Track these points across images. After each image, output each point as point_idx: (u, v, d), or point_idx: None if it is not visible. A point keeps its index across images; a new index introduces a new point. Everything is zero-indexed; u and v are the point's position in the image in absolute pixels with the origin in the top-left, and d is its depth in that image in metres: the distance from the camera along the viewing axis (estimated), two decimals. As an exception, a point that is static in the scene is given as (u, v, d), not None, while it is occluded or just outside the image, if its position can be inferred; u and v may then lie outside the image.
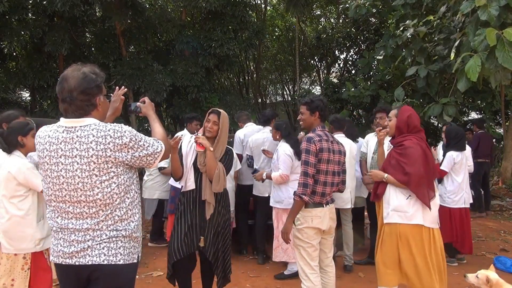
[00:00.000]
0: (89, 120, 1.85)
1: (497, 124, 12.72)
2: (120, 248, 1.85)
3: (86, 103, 1.85)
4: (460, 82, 5.09)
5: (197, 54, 12.42)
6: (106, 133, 1.80)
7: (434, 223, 3.01)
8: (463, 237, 4.52)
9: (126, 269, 1.88)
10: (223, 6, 12.09)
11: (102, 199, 1.81)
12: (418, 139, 3.02)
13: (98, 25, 13.34)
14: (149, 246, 5.53)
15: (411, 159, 2.93)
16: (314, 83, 19.85)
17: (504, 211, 7.51)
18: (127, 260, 1.87)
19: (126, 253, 1.87)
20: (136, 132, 1.90)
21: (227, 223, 3.34)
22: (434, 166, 3.08)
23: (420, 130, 3.11)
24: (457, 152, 4.58)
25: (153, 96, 11.46)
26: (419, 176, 2.89)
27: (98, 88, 1.89)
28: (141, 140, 1.90)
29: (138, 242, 1.96)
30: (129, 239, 1.89)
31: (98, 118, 1.90)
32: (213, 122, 3.26)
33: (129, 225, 1.89)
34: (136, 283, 4.10)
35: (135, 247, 1.94)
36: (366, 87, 10.15)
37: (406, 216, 2.95)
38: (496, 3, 4.57)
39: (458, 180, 4.57)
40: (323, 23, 18.15)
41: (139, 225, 1.96)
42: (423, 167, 2.91)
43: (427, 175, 2.94)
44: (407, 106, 3.27)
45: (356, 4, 8.22)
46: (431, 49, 7.21)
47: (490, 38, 4.21)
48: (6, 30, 10.70)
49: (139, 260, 1.98)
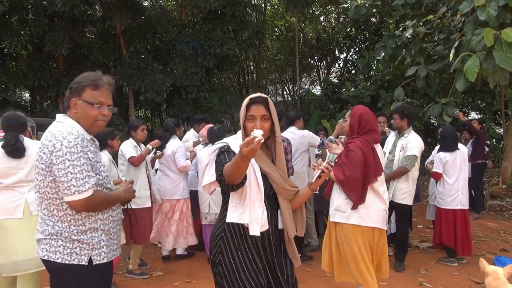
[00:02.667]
0: (60, 117, 1.93)
1: (497, 124, 12.72)
2: (60, 247, 1.83)
3: (65, 100, 1.96)
4: (458, 82, 5.09)
5: (197, 54, 12.44)
6: (50, 135, 1.83)
7: (378, 222, 3.06)
8: (462, 240, 4.49)
9: (65, 268, 1.84)
10: (223, 6, 12.10)
11: (45, 197, 1.85)
12: (363, 141, 3.05)
13: (98, 25, 13.35)
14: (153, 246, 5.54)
15: (351, 162, 3.02)
16: (314, 83, 19.86)
17: (504, 211, 7.51)
18: (66, 260, 1.83)
19: (67, 252, 1.83)
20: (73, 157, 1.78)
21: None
22: (375, 169, 3.07)
23: (372, 130, 3.13)
24: (445, 153, 4.52)
25: (153, 96, 11.49)
26: (354, 179, 2.98)
27: (76, 89, 1.90)
28: (66, 167, 1.79)
29: (85, 244, 1.85)
30: (71, 240, 1.84)
31: (76, 118, 1.91)
32: (261, 117, 1.98)
33: (69, 228, 1.84)
34: (136, 283, 4.14)
35: (83, 249, 1.85)
36: (366, 87, 10.16)
37: (344, 216, 3.07)
38: (495, 3, 4.57)
39: (449, 182, 4.48)
40: (323, 23, 18.15)
41: (84, 230, 1.86)
42: (360, 172, 2.98)
43: (363, 179, 3.00)
44: (360, 105, 3.30)
45: (356, 4, 8.22)
46: (431, 49, 7.21)
47: (488, 38, 4.20)
48: (6, 30, 10.72)
49: (94, 262, 1.87)
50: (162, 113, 16.39)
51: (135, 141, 4.43)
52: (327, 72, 17.88)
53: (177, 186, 4.65)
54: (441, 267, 4.51)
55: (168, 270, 4.52)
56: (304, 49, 17.19)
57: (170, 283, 4.18)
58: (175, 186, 4.64)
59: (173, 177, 4.64)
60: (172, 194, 4.65)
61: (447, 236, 4.50)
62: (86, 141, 1.88)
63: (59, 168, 1.77)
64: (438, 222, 4.65)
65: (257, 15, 16.33)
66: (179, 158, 4.59)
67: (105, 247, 1.90)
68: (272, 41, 19.09)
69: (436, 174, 4.54)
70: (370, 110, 3.24)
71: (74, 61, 12.62)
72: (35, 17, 11.23)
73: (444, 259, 4.66)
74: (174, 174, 4.64)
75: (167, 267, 4.61)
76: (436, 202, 4.70)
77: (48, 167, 1.80)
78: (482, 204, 7.26)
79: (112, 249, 1.96)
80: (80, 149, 1.80)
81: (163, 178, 4.71)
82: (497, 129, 12.54)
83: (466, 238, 4.51)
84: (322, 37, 15.54)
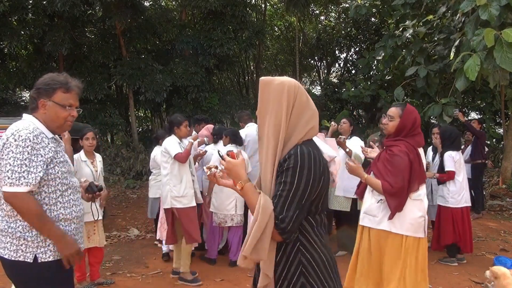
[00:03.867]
0: (24, 116, 1.97)
1: (497, 124, 12.72)
2: (8, 243, 1.86)
3: (32, 101, 1.97)
4: (458, 82, 5.08)
5: (197, 54, 12.44)
6: (8, 130, 1.86)
7: (411, 230, 2.81)
8: (465, 236, 4.51)
9: (13, 265, 1.87)
10: (223, 6, 12.10)
11: None
12: (408, 146, 2.83)
13: (98, 25, 13.35)
14: (153, 246, 5.55)
15: (396, 169, 2.79)
16: (314, 83, 19.86)
17: (504, 211, 7.51)
18: (13, 256, 1.85)
19: (14, 249, 1.85)
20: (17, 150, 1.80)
21: None
22: (420, 177, 2.88)
23: (419, 133, 2.93)
24: (455, 152, 4.58)
25: (153, 96, 11.48)
26: (399, 187, 2.76)
27: (45, 91, 1.94)
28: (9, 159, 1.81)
29: (30, 241, 1.86)
30: (16, 237, 1.86)
31: (43, 119, 1.95)
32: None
33: (15, 223, 1.87)
34: (136, 283, 4.14)
35: (29, 246, 1.86)
36: (366, 87, 10.15)
37: (375, 220, 2.87)
38: (497, 2, 4.55)
39: (460, 180, 4.56)
40: (323, 23, 18.15)
41: (30, 226, 1.86)
42: (406, 180, 2.77)
43: (407, 187, 2.80)
44: (410, 106, 2.99)
45: (356, 4, 8.22)
46: (431, 49, 7.22)
47: (488, 38, 4.20)
48: (6, 30, 10.71)
49: (39, 260, 1.87)
50: (162, 113, 16.39)
51: (178, 137, 4.23)
52: (327, 72, 17.88)
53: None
54: (441, 267, 4.51)
55: (168, 270, 4.51)
56: (304, 49, 17.18)
57: (170, 283, 4.18)
58: None
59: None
60: None
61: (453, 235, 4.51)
62: (42, 139, 1.88)
63: (2, 158, 1.81)
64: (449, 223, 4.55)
65: (257, 15, 16.32)
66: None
67: (52, 245, 1.90)
68: (272, 41, 19.08)
69: (451, 173, 4.52)
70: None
71: (74, 61, 12.62)
72: (35, 17, 11.22)
73: (444, 259, 4.66)
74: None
75: (167, 267, 4.61)
76: (445, 203, 4.60)
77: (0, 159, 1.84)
78: (482, 204, 7.26)
79: None
80: (28, 143, 1.81)
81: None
82: (497, 129, 12.54)
83: (469, 234, 4.57)
84: (322, 37, 15.55)
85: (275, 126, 1.53)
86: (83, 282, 3.97)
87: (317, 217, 1.57)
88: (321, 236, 1.57)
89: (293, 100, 1.54)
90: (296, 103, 1.55)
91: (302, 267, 1.51)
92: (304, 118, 1.55)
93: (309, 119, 1.56)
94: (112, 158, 11.71)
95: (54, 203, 1.92)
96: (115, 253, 5.23)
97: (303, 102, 1.56)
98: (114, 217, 7.38)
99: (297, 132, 1.53)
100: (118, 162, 11.62)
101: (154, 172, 5.53)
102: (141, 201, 8.65)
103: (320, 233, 1.57)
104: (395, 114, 2.90)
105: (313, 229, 1.55)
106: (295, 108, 1.55)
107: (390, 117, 2.93)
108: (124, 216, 7.54)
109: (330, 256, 1.58)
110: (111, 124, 12.39)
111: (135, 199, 9.19)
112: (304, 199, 1.46)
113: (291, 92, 1.54)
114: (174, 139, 4.18)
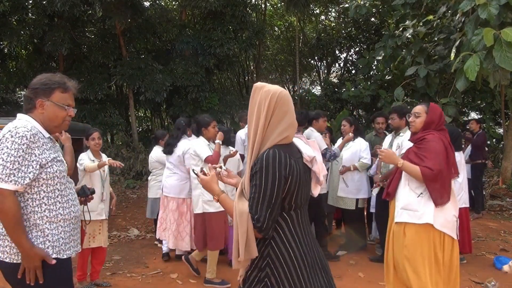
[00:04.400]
0: (19, 115, 1.96)
1: (497, 124, 12.72)
2: (7, 247, 1.86)
3: (28, 101, 1.95)
4: (458, 82, 5.08)
5: (197, 54, 12.43)
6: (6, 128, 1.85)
7: (447, 228, 2.76)
8: (463, 237, 4.51)
9: (13, 268, 1.86)
10: (223, 6, 12.10)
11: None
12: (440, 134, 2.87)
13: (98, 25, 13.35)
14: (153, 246, 5.54)
15: (432, 153, 2.74)
16: (314, 83, 19.86)
17: (504, 211, 7.51)
18: (13, 259, 1.86)
19: (14, 252, 1.86)
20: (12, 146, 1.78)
21: None
22: (454, 167, 2.87)
23: (445, 129, 2.97)
24: (456, 152, 4.57)
25: (153, 96, 11.49)
26: (438, 170, 2.67)
27: (43, 90, 1.94)
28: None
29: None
30: None
31: (41, 119, 1.95)
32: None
33: None
34: (136, 283, 4.14)
35: None
36: (366, 87, 10.16)
37: (416, 215, 2.76)
38: (496, 1, 4.55)
39: (458, 181, 4.55)
40: (323, 23, 18.16)
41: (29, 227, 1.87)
42: (444, 163, 2.71)
43: (447, 173, 2.74)
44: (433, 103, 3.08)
45: (356, 4, 8.22)
46: (431, 49, 7.22)
47: (487, 38, 4.19)
48: (6, 30, 10.71)
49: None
50: (162, 113, 16.39)
51: (206, 139, 4.13)
52: (327, 72, 17.87)
53: (184, 185, 4.66)
54: (441, 267, 4.51)
55: (168, 270, 4.52)
56: (304, 49, 17.18)
57: (170, 283, 4.18)
58: (182, 184, 4.65)
59: (181, 176, 4.64)
60: (178, 192, 4.65)
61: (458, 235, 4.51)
62: (39, 138, 1.88)
63: None
64: None
65: (257, 15, 16.32)
66: (188, 159, 4.60)
67: (51, 247, 1.91)
68: (272, 41, 19.08)
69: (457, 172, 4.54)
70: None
71: (74, 61, 12.62)
72: (35, 17, 11.23)
73: (444, 259, 4.66)
74: (182, 173, 4.64)
75: (167, 267, 4.61)
76: None
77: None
78: (482, 204, 7.26)
79: (62, 248, 1.95)
80: (24, 141, 1.80)
81: (170, 176, 4.69)
82: (497, 129, 12.54)
83: (467, 235, 4.57)
84: (322, 37, 15.54)
85: (254, 130, 1.67)
86: (83, 281, 3.97)
87: (292, 213, 1.67)
88: (296, 232, 1.68)
89: (273, 107, 1.65)
90: (276, 111, 1.66)
91: (269, 259, 1.64)
92: (281, 126, 1.66)
93: (285, 128, 1.66)
94: (112, 158, 11.63)
95: (53, 203, 1.92)
96: (115, 253, 5.23)
97: (282, 112, 1.67)
98: (114, 217, 7.38)
99: (272, 139, 1.65)
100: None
101: (153, 172, 5.53)
102: (141, 201, 8.65)
103: (295, 229, 1.68)
104: (421, 110, 2.97)
105: (287, 225, 1.66)
106: (275, 116, 1.66)
107: (416, 114, 2.98)
108: (124, 216, 7.55)
109: (305, 254, 1.67)
110: (111, 124, 12.39)
111: (135, 199, 9.19)
112: (274, 198, 1.58)
113: (273, 100, 1.66)
114: (203, 141, 4.09)
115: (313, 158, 1.73)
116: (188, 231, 4.67)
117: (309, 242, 1.72)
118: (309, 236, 1.74)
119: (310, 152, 1.74)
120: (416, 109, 3.02)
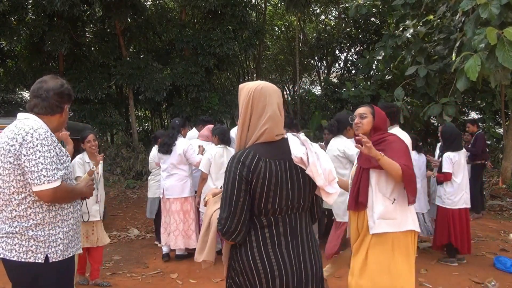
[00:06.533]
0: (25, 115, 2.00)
1: (497, 124, 12.71)
2: (16, 245, 1.87)
3: (57, 104, 2.02)
4: (459, 82, 5.08)
5: (197, 53, 12.42)
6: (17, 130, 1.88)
7: (417, 226, 2.70)
8: (462, 238, 4.51)
9: (20, 267, 1.87)
10: (223, 6, 12.09)
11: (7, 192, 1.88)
12: (395, 135, 2.74)
13: (98, 25, 13.34)
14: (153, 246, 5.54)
15: (400, 151, 2.56)
16: (314, 83, 19.85)
17: (504, 211, 7.50)
18: (22, 257, 1.86)
19: (23, 250, 1.86)
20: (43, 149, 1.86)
21: None
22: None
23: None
24: (454, 153, 4.55)
25: (153, 96, 11.48)
26: (410, 168, 2.48)
27: (69, 97, 2.08)
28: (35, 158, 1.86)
29: (42, 241, 1.89)
30: (27, 238, 1.87)
31: (56, 124, 2.06)
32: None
33: (27, 222, 1.88)
34: (136, 283, 4.14)
35: (39, 247, 1.88)
36: (366, 87, 10.15)
37: (395, 223, 2.57)
38: (497, 1, 4.55)
39: (457, 181, 4.53)
40: (323, 22, 18.15)
41: (43, 225, 1.90)
42: (410, 162, 2.57)
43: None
44: (373, 105, 2.90)
45: (357, 4, 8.21)
46: (431, 49, 7.21)
47: (491, 37, 4.18)
48: (6, 30, 10.70)
49: (50, 260, 1.90)
50: (162, 113, 16.38)
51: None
52: (327, 72, 17.85)
53: (186, 183, 4.65)
54: (441, 267, 4.51)
55: (168, 270, 4.51)
56: (304, 49, 17.16)
57: (170, 283, 4.17)
58: (183, 183, 4.64)
59: (181, 175, 4.64)
60: (180, 191, 4.64)
61: (448, 234, 4.50)
62: (52, 138, 1.96)
63: (29, 158, 1.83)
64: (444, 223, 4.56)
65: (257, 15, 16.31)
66: (192, 155, 4.59)
67: (62, 245, 1.95)
68: (272, 41, 19.07)
69: (448, 174, 4.51)
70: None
71: (74, 60, 12.61)
72: (34, 17, 11.22)
73: (444, 259, 4.65)
74: (183, 172, 4.64)
75: (167, 267, 4.61)
76: (441, 203, 4.61)
77: (17, 159, 1.84)
78: (482, 204, 7.26)
79: (70, 246, 2.00)
80: (50, 142, 1.90)
81: (170, 178, 4.68)
82: (497, 129, 12.53)
83: (467, 236, 4.55)
84: (323, 37, 15.52)
85: (239, 130, 1.65)
86: (82, 276, 4.06)
87: (262, 218, 1.56)
88: (265, 239, 1.55)
89: (251, 104, 1.61)
90: (254, 108, 1.61)
91: (233, 261, 1.62)
92: (260, 123, 1.59)
93: (265, 122, 1.59)
94: (112, 158, 11.69)
95: (31, 212, 1.92)
96: (115, 253, 5.23)
97: (260, 107, 1.60)
98: (114, 217, 7.38)
99: (254, 136, 1.60)
100: (118, 162, 11.61)
101: (153, 172, 5.53)
102: (141, 201, 8.64)
103: (264, 236, 1.55)
104: (367, 111, 2.77)
105: (255, 231, 1.56)
106: (254, 113, 1.61)
107: (363, 115, 2.76)
108: (124, 216, 7.54)
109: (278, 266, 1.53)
110: (111, 124, 12.39)
111: (135, 199, 9.18)
112: (234, 200, 1.50)
113: (250, 96, 1.61)
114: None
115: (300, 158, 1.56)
116: (193, 229, 4.67)
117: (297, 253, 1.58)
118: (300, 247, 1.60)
119: (299, 152, 1.57)
120: (360, 110, 2.80)
